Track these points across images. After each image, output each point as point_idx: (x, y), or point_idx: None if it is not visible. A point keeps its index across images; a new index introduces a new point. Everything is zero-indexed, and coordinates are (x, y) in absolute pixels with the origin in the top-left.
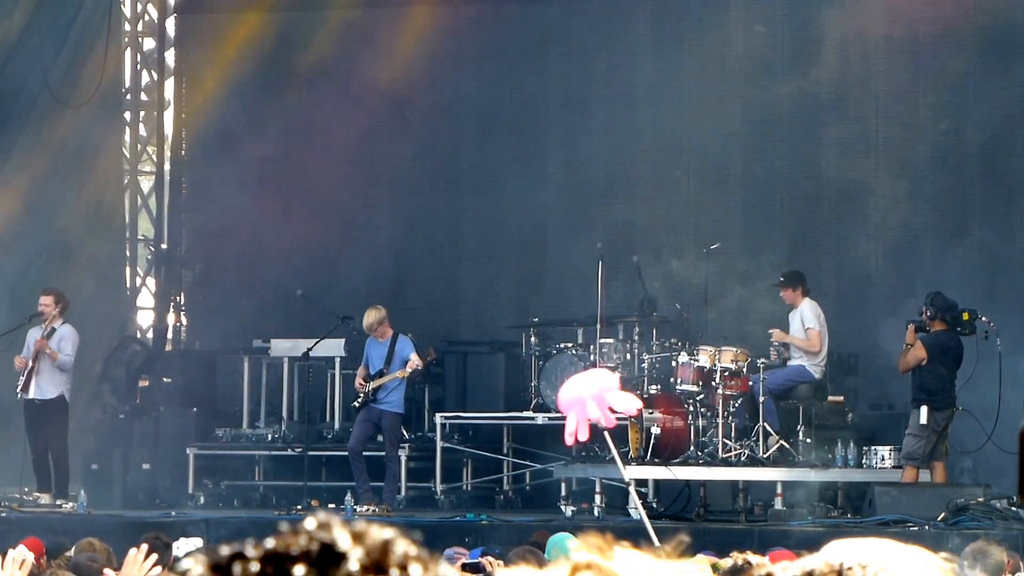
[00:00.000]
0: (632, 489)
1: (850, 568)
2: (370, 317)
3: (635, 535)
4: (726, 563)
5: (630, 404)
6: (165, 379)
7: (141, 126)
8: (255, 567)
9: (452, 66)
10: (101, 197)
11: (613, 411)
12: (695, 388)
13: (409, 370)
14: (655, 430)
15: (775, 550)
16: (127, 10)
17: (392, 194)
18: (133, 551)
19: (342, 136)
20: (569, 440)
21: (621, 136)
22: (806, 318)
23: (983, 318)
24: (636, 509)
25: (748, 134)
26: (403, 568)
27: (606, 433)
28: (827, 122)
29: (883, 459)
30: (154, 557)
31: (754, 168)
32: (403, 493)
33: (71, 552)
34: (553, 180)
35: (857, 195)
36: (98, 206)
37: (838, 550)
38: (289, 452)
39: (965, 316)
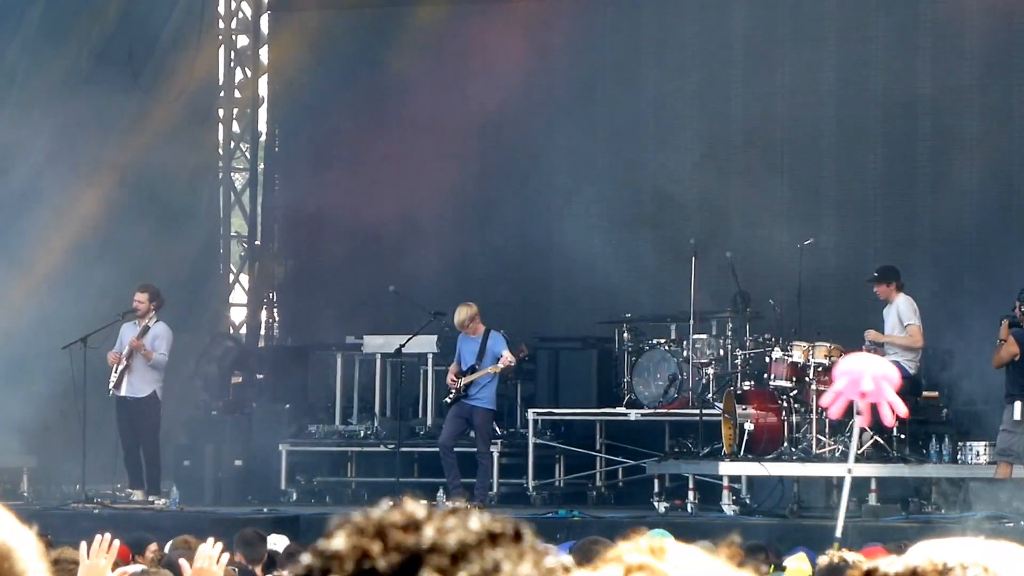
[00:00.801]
0: (848, 477)
1: (952, 568)
2: (462, 314)
3: (726, 531)
4: (822, 561)
5: (899, 406)
6: (258, 375)
7: (235, 123)
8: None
9: (543, 61)
10: (195, 194)
11: (878, 404)
12: (788, 384)
13: (501, 366)
14: (748, 426)
15: (869, 546)
16: (221, 8)
17: (483, 189)
18: (205, 545)
19: (434, 133)
20: (825, 401)
21: (715, 129)
22: (903, 314)
23: None
24: (734, 504)
25: (841, 127)
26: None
27: (857, 419)
28: (922, 114)
29: (978, 455)
30: (224, 555)
31: (848, 163)
32: (495, 489)
33: (153, 547)
34: (645, 174)
35: (952, 189)
36: (192, 203)
37: (934, 548)
38: (381, 448)
39: None
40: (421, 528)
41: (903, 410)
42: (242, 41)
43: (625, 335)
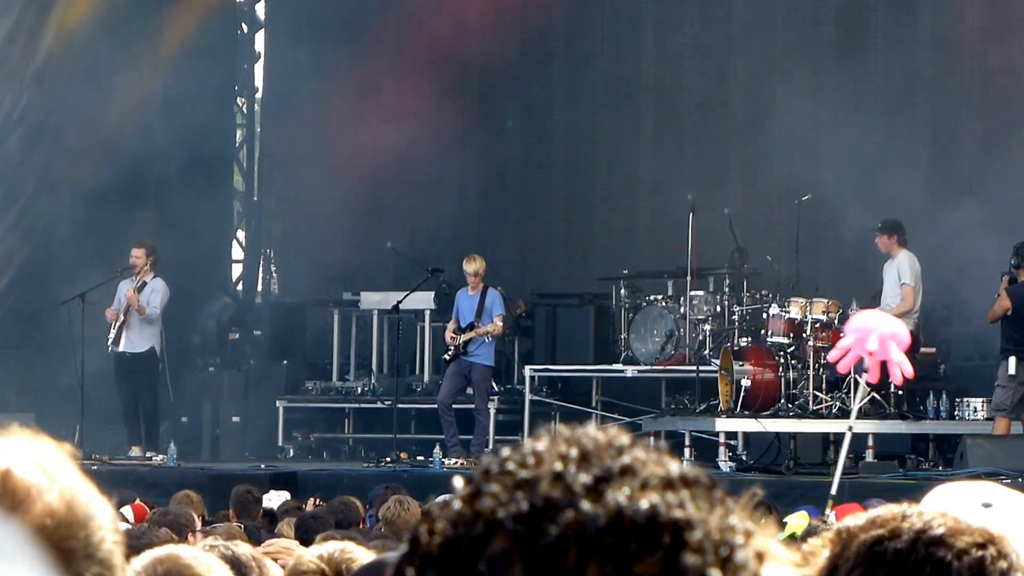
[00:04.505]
0: (849, 434)
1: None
2: (476, 263)
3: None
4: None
5: (906, 366)
6: (255, 332)
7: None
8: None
9: (543, 19)
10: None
11: (887, 361)
12: (786, 340)
13: (491, 330)
14: (745, 382)
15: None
16: None
17: (481, 146)
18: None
19: (430, 89)
20: (833, 356)
21: (711, 88)
22: (903, 272)
23: None
24: (731, 460)
25: (837, 77)
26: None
27: (862, 379)
28: (923, 70)
29: (975, 411)
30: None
31: (847, 115)
32: (492, 446)
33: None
34: (644, 131)
35: (953, 151)
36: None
37: (944, 493)
38: (379, 405)
39: None
40: (623, 453)
41: (910, 371)
42: None
43: (622, 291)
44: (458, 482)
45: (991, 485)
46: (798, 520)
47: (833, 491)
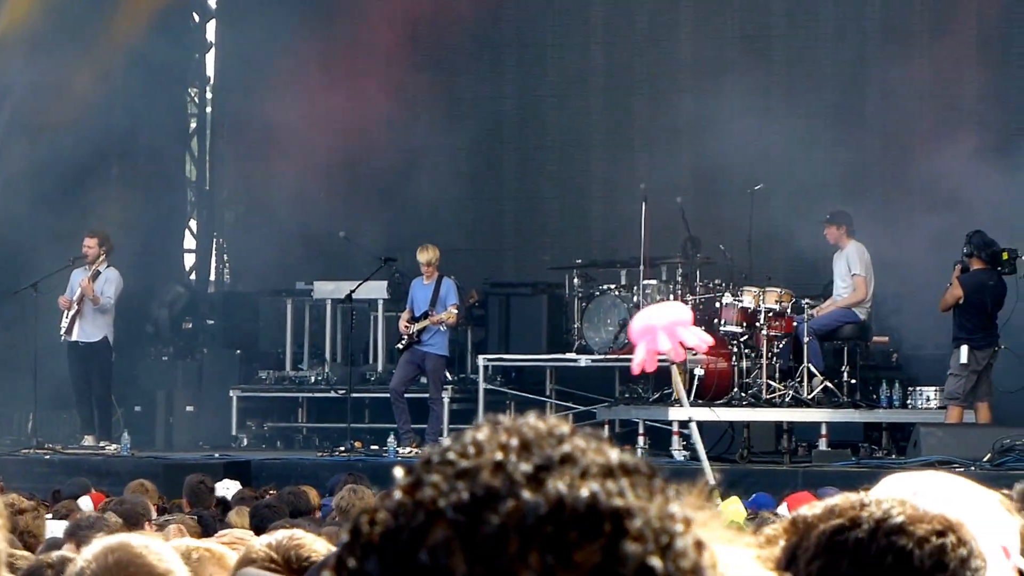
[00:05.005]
0: (693, 426)
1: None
2: (429, 253)
3: (678, 477)
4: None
5: (701, 339)
6: (208, 321)
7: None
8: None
9: (493, 10)
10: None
11: (684, 346)
12: (739, 329)
13: (446, 320)
14: (699, 371)
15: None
16: None
17: (433, 134)
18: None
19: (384, 78)
20: (635, 369)
21: (662, 77)
22: (852, 262)
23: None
24: (683, 449)
25: (787, 66)
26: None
27: (673, 367)
28: (872, 61)
29: (928, 399)
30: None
31: (798, 106)
32: (446, 435)
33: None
34: (596, 120)
35: (903, 140)
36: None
37: (894, 483)
38: (332, 394)
39: (1004, 255)
40: (563, 441)
41: (708, 338)
42: None
43: (575, 281)
44: (399, 472)
45: (931, 475)
46: (733, 507)
47: (711, 481)
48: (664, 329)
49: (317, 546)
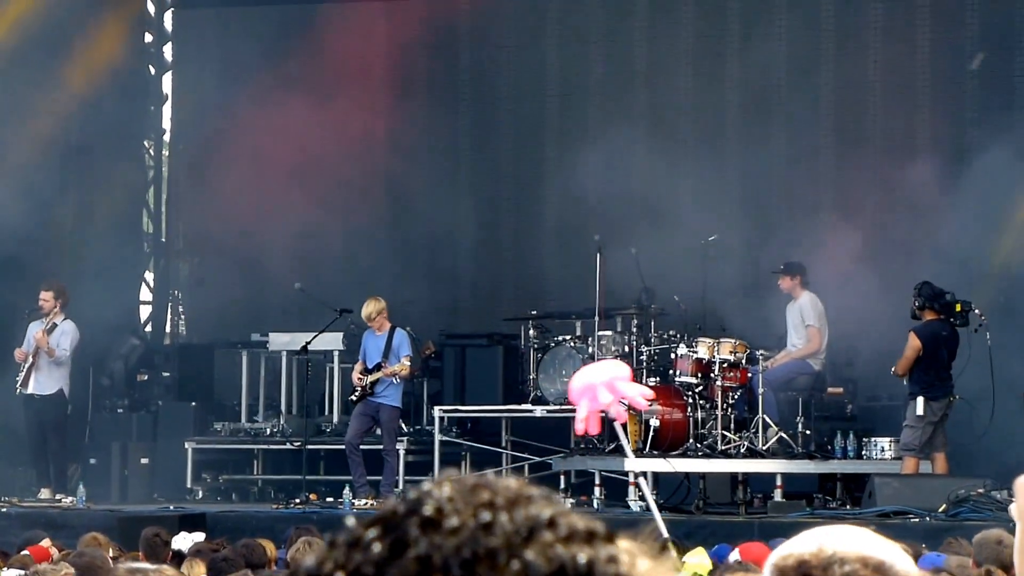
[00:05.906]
0: (642, 480)
1: (834, 563)
2: (369, 307)
3: (634, 527)
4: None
5: (641, 395)
6: (164, 373)
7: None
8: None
9: (448, 52)
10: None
11: (624, 402)
12: (694, 380)
13: (399, 372)
14: (654, 422)
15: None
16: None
17: (389, 188)
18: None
19: (339, 131)
20: (579, 429)
21: (616, 127)
22: (806, 314)
23: (976, 311)
24: (639, 500)
25: (742, 118)
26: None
27: (617, 425)
28: (824, 115)
29: (883, 450)
30: None
31: (752, 158)
32: (401, 487)
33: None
34: (550, 173)
35: (853, 194)
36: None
37: (815, 536)
38: (288, 446)
39: (958, 307)
40: (533, 503)
41: (649, 392)
42: (146, 39)
43: (531, 332)
44: (352, 522)
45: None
46: (697, 559)
47: (664, 533)
48: (604, 385)
49: None
